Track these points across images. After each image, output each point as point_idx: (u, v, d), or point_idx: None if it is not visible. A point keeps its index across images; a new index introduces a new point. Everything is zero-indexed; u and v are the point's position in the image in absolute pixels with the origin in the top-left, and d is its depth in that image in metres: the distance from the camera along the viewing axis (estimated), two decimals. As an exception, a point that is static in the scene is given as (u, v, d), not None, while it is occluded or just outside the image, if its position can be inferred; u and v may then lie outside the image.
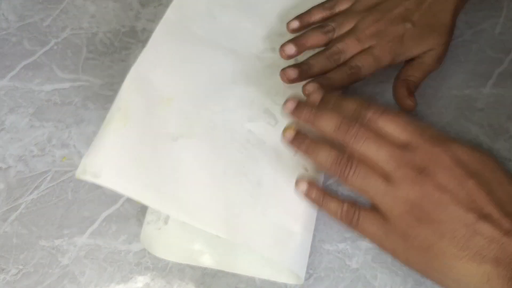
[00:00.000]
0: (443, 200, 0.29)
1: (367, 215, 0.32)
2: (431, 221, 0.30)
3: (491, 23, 0.46)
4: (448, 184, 0.30)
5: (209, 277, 0.38)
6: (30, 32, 0.50)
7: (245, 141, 0.38)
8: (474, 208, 0.29)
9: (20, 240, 0.40)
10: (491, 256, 0.28)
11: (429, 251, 0.29)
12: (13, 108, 0.46)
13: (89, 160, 0.34)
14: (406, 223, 0.30)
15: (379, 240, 0.32)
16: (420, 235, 0.30)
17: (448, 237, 0.29)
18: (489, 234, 0.28)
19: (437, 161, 0.30)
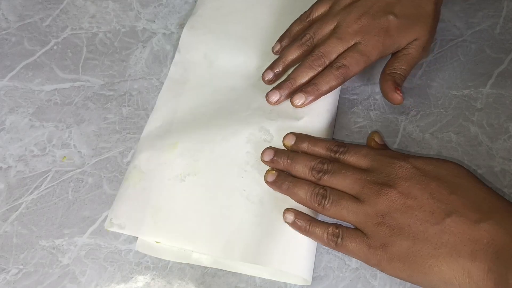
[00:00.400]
0: (409, 206, 0.32)
1: (349, 234, 0.34)
2: (401, 228, 0.32)
3: (491, 23, 0.46)
4: (411, 191, 0.33)
5: (209, 277, 0.38)
6: (30, 32, 0.50)
7: (244, 163, 0.40)
8: (438, 208, 0.31)
9: (21, 240, 0.40)
10: (467, 251, 0.30)
11: (408, 256, 0.31)
12: (13, 108, 0.46)
13: (114, 214, 0.39)
14: (382, 234, 0.32)
15: (364, 256, 0.33)
16: (396, 242, 0.32)
17: (420, 238, 0.31)
18: (457, 229, 0.30)
19: (396, 172, 0.34)
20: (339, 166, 0.36)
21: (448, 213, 0.31)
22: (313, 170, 0.37)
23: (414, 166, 0.34)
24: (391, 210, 0.33)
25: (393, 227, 0.32)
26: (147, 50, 0.48)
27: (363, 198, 0.34)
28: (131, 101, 0.46)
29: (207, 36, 0.47)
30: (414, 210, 0.32)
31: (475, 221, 0.30)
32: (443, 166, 0.34)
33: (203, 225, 0.38)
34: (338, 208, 0.35)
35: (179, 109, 0.44)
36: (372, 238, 0.33)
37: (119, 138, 0.44)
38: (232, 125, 0.41)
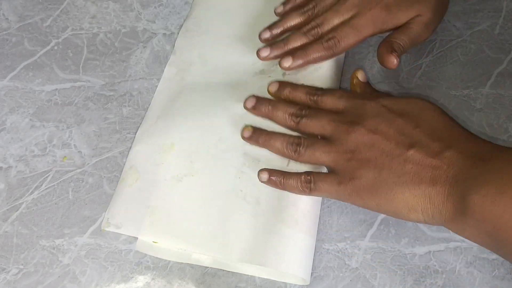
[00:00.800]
0: (375, 140, 0.35)
1: (321, 178, 0.36)
2: (369, 160, 0.34)
3: (490, 24, 0.46)
4: (378, 127, 0.35)
5: (209, 277, 0.38)
6: (30, 33, 0.50)
7: (241, 165, 0.40)
8: (402, 141, 0.34)
9: (21, 240, 0.40)
10: (428, 177, 0.32)
11: (374, 186, 0.34)
12: (13, 108, 0.46)
13: (110, 214, 0.40)
14: (351, 169, 0.35)
15: (336, 193, 0.36)
16: (363, 174, 0.34)
17: (386, 168, 0.33)
18: (419, 159, 0.33)
19: (366, 111, 0.36)
20: (315, 111, 0.39)
21: (412, 144, 0.33)
22: (292, 115, 0.39)
23: (383, 105, 0.36)
24: (359, 145, 0.35)
25: (361, 161, 0.35)
26: (148, 51, 0.48)
27: (334, 138, 0.37)
28: (131, 101, 0.46)
29: (201, 37, 0.48)
30: (380, 143, 0.34)
31: (437, 150, 0.33)
32: (409, 102, 0.37)
33: (200, 225, 0.38)
34: (312, 151, 0.37)
35: (174, 108, 0.44)
36: (341, 175, 0.35)
37: (120, 138, 0.44)
38: (228, 125, 0.42)
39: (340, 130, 0.36)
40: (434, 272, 0.37)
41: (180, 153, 0.41)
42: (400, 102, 0.37)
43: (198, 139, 0.42)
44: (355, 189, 0.35)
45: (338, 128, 0.37)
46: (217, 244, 0.37)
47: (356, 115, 0.37)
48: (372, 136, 0.35)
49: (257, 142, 0.40)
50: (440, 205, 0.32)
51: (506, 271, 0.37)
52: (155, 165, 0.41)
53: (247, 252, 0.37)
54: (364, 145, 0.35)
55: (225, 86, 0.44)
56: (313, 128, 0.38)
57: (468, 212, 0.30)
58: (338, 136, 0.36)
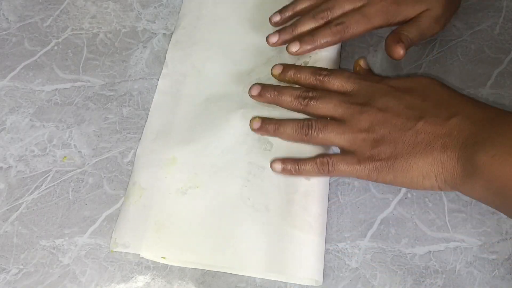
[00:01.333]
0: (387, 117, 0.36)
1: (337, 158, 0.37)
2: (383, 137, 0.36)
3: (490, 24, 0.46)
4: (388, 105, 0.36)
5: (209, 277, 0.38)
6: (30, 33, 0.50)
7: (246, 173, 0.40)
8: (412, 114, 0.35)
9: (21, 240, 0.40)
10: (439, 145, 0.34)
11: (391, 160, 0.35)
12: (13, 108, 0.46)
13: (117, 234, 0.39)
14: (368, 148, 0.36)
15: (355, 173, 0.37)
16: (380, 151, 0.35)
17: (400, 142, 0.35)
18: (429, 129, 0.34)
19: (375, 92, 0.38)
20: (323, 92, 0.39)
21: (421, 116, 0.35)
22: (299, 97, 0.39)
23: (390, 85, 0.38)
24: (373, 124, 0.36)
25: (376, 139, 0.36)
26: (148, 51, 0.48)
27: (347, 118, 0.37)
28: (131, 101, 0.46)
29: (192, 48, 0.47)
30: (392, 119, 0.36)
31: (445, 118, 0.34)
32: (415, 81, 0.38)
33: (209, 237, 0.38)
34: (325, 133, 0.38)
35: (173, 122, 0.43)
36: (359, 154, 0.36)
37: (120, 138, 0.44)
38: (230, 136, 0.41)
39: (352, 111, 0.37)
40: (434, 272, 0.37)
41: (183, 166, 0.41)
42: (405, 80, 0.38)
43: (201, 151, 0.41)
44: (374, 167, 0.36)
45: (350, 109, 0.37)
46: (228, 255, 0.37)
47: (366, 96, 0.38)
48: (384, 114, 0.36)
49: (267, 132, 0.40)
50: (451, 169, 0.33)
51: (506, 271, 0.37)
52: (158, 180, 0.40)
53: (261, 262, 0.37)
54: (377, 124, 0.36)
55: (222, 96, 0.44)
56: (323, 110, 0.39)
57: (477, 173, 0.32)
58: (350, 117, 0.37)
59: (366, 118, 0.37)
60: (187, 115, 0.43)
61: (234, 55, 0.46)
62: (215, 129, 0.42)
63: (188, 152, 0.41)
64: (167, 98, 0.45)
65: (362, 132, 0.36)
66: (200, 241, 0.38)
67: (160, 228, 0.39)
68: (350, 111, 0.37)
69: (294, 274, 0.36)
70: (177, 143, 0.42)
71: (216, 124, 0.42)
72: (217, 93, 0.44)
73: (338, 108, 0.38)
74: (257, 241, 0.37)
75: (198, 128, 0.42)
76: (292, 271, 0.36)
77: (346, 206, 0.40)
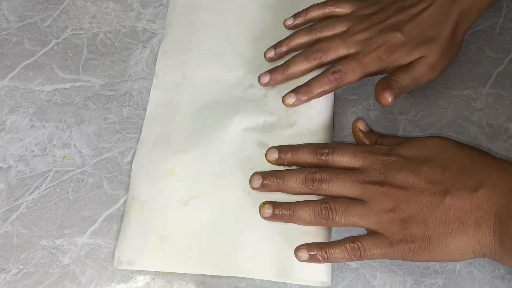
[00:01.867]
0: (410, 196, 0.34)
1: (368, 242, 0.35)
2: (412, 217, 0.34)
3: (490, 24, 0.46)
4: (407, 182, 0.35)
5: (209, 277, 0.38)
6: (30, 32, 0.50)
7: (248, 180, 0.39)
8: (436, 189, 0.34)
9: (21, 240, 0.40)
10: (472, 221, 0.33)
11: (425, 241, 0.33)
12: (13, 108, 0.46)
13: (120, 252, 0.39)
14: (397, 229, 0.34)
15: (388, 255, 0.35)
16: (412, 232, 0.34)
17: (431, 221, 0.33)
18: (458, 204, 0.33)
19: (389, 168, 0.36)
20: (332, 172, 0.37)
21: (447, 191, 0.34)
22: (307, 181, 0.37)
23: (402, 157, 0.36)
24: (398, 204, 0.34)
25: (405, 219, 0.34)
26: (148, 50, 0.48)
27: (367, 199, 0.35)
28: (131, 101, 0.46)
29: (182, 57, 0.46)
30: (416, 197, 0.34)
31: (472, 190, 0.33)
32: (428, 146, 0.36)
33: (215, 246, 0.38)
34: (348, 217, 0.35)
35: (169, 132, 0.43)
36: (390, 236, 0.34)
37: (120, 138, 0.44)
38: (228, 143, 0.41)
39: (371, 192, 0.35)
40: (434, 272, 0.37)
41: (182, 176, 0.40)
42: (416, 147, 0.36)
43: (199, 160, 0.41)
44: (409, 249, 0.34)
45: (368, 190, 0.35)
46: (235, 263, 0.37)
47: (380, 172, 0.36)
48: (406, 192, 0.34)
49: (282, 219, 0.37)
50: (489, 244, 0.32)
51: (506, 271, 0.37)
52: (158, 192, 0.40)
53: (271, 268, 0.37)
54: (402, 203, 0.34)
55: (216, 103, 0.44)
56: (337, 192, 0.36)
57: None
58: (371, 197, 0.35)
59: (389, 198, 0.35)
60: (182, 124, 0.43)
61: (225, 61, 0.46)
62: (211, 136, 0.42)
63: (186, 161, 0.41)
64: (160, 108, 0.44)
65: (388, 213, 0.34)
66: (206, 251, 0.38)
67: (164, 241, 0.38)
68: (369, 192, 0.35)
69: (302, 277, 0.36)
70: (174, 153, 0.42)
71: (213, 131, 0.42)
72: (211, 100, 0.44)
73: (355, 189, 0.36)
74: (263, 247, 0.37)
75: (194, 136, 0.42)
76: (300, 274, 0.36)
77: (346, 206, 0.40)
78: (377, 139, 0.40)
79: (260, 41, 0.46)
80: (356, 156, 0.37)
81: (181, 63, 0.46)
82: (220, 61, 0.46)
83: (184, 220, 0.39)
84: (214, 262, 0.37)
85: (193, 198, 0.39)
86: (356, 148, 0.38)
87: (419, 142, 0.37)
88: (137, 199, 0.40)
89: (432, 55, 0.39)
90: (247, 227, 0.38)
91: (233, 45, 0.47)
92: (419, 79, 0.40)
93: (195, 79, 0.45)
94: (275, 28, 0.46)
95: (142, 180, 0.41)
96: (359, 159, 0.37)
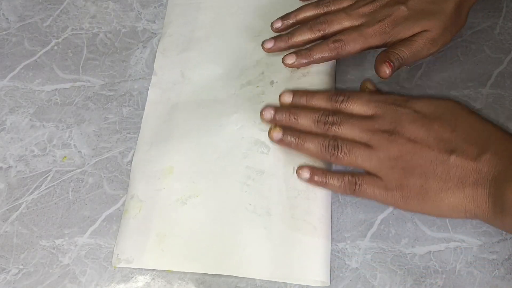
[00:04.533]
0: (417, 149, 0.35)
1: (365, 180, 0.36)
2: (413, 168, 0.35)
3: (490, 24, 0.46)
4: (417, 135, 0.35)
5: (209, 277, 0.38)
6: (30, 32, 0.50)
7: (245, 178, 0.40)
8: (443, 147, 0.35)
9: (21, 240, 0.40)
10: (471, 181, 0.34)
11: (421, 193, 0.35)
12: (13, 108, 0.46)
13: (119, 250, 0.39)
14: (397, 177, 0.35)
15: (381, 197, 0.36)
16: (410, 182, 0.35)
17: (431, 176, 0.34)
18: (461, 164, 0.34)
19: (401, 118, 0.36)
20: (344, 116, 0.38)
21: (452, 150, 0.34)
22: (318, 122, 0.38)
23: (416, 110, 0.37)
24: (403, 153, 0.35)
25: (406, 169, 0.35)
26: (148, 50, 0.48)
27: (374, 145, 0.36)
28: (131, 101, 0.46)
29: (180, 56, 0.47)
30: (422, 151, 0.35)
31: (476, 154, 0.34)
32: (442, 105, 0.37)
33: (213, 245, 0.38)
34: (352, 156, 0.37)
35: (168, 131, 0.43)
36: (387, 181, 0.35)
37: (120, 138, 0.44)
38: (225, 142, 0.41)
39: (379, 138, 0.36)
40: (434, 272, 0.37)
41: (180, 175, 0.41)
42: (431, 105, 0.37)
43: (197, 159, 0.41)
44: (403, 197, 0.35)
45: (376, 137, 0.36)
46: (233, 262, 0.37)
47: (392, 121, 0.37)
48: (414, 145, 0.35)
49: (289, 145, 0.39)
50: (483, 205, 0.33)
51: (506, 271, 0.37)
52: (156, 191, 0.40)
53: (269, 267, 0.37)
54: (407, 153, 0.35)
55: (214, 101, 0.44)
56: (347, 135, 0.37)
57: (507, 209, 0.32)
58: (378, 144, 0.36)
59: (395, 147, 0.36)
60: (180, 123, 0.43)
61: (222, 60, 0.46)
62: (209, 135, 0.42)
63: (184, 160, 0.41)
64: (158, 107, 0.44)
65: (391, 160, 0.35)
66: (204, 250, 0.38)
67: (162, 240, 0.38)
68: (377, 138, 0.36)
69: (300, 277, 0.36)
70: (172, 152, 0.42)
71: (211, 129, 0.42)
72: (208, 99, 0.44)
73: (364, 135, 0.37)
74: (261, 246, 0.37)
75: (192, 135, 0.42)
76: (299, 274, 0.36)
77: (346, 206, 0.40)
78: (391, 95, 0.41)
79: (257, 38, 0.46)
80: (369, 104, 0.38)
81: (179, 61, 0.46)
82: (217, 60, 0.46)
83: (183, 220, 0.39)
84: (212, 261, 0.38)
85: (191, 197, 0.40)
86: (370, 97, 0.39)
87: (434, 101, 0.37)
88: (136, 198, 0.40)
89: (435, 29, 0.40)
90: (245, 226, 0.38)
91: (230, 43, 0.47)
92: (419, 52, 0.40)
93: (192, 77, 0.45)
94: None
95: (141, 179, 0.41)
96: (373, 108, 0.38)
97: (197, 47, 0.47)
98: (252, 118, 0.42)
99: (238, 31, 0.47)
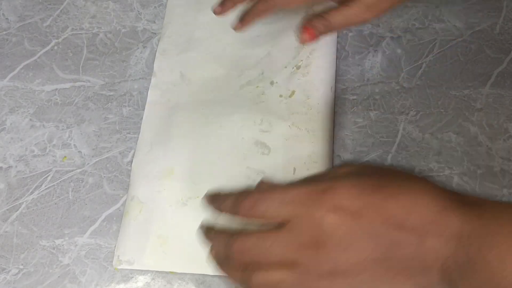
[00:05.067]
0: (342, 256, 0.27)
1: None
2: (346, 277, 0.27)
3: (490, 24, 0.46)
4: (343, 239, 0.27)
5: (209, 277, 0.38)
6: (30, 32, 0.50)
7: (245, 179, 0.40)
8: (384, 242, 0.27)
9: (21, 240, 0.40)
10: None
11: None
12: (13, 108, 0.46)
13: (120, 252, 0.39)
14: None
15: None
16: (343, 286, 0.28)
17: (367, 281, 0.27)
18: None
19: (320, 227, 0.28)
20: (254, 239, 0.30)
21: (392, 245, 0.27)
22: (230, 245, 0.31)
23: (335, 205, 0.28)
24: (333, 267, 0.28)
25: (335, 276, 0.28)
26: (148, 50, 0.48)
27: (299, 265, 0.28)
28: (131, 101, 0.46)
29: (180, 57, 0.47)
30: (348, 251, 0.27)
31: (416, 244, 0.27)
32: (358, 188, 0.28)
33: None
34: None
35: (168, 132, 0.43)
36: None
37: (120, 138, 0.44)
38: (225, 141, 0.41)
39: (305, 256, 0.28)
40: (434, 272, 0.37)
41: (180, 176, 0.41)
42: (350, 192, 0.28)
43: (197, 160, 0.41)
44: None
45: (299, 254, 0.28)
46: None
47: (310, 234, 0.28)
48: (341, 253, 0.28)
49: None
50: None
51: (506, 271, 0.37)
52: (157, 193, 0.40)
53: None
54: (335, 265, 0.28)
55: (214, 102, 0.44)
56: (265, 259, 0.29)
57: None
58: (303, 262, 0.28)
59: (324, 263, 0.28)
60: (180, 124, 0.43)
61: (222, 60, 0.46)
62: (210, 135, 0.42)
63: (184, 161, 0.41)
64: (158, 108, 0.44)
65: (327, 274, 0.28)
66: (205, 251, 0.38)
67: (163, 241, 0.38)
68: (302, 257, 0.28)
69: None
70: (173, 153, 0.42)
71: (211, 130, 0.42)
72: (208, 100, 0.44)
73: (285, 253, 0.29)
74: None
75: (193, 136, 0.42)
76: None
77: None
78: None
79: (257, 38, 0.46)
80: (282, 206, 0.30)
81: (178, 63, 0.46)
82: (217, 60, 0.46)
83: (183, 221, 0.39)
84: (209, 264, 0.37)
85: (191, 198, 0.40)
86: (282, 198, 0.30)
87: (350, 184, 0.29)
88: (136, 199, 0.40)
89: None
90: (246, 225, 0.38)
91: (230, 43, 0.47)
92: (353, 18, 0.38)
93: (192, 78, 0.45)
94: (270, 25, 0.46)
95: (141, 181, 0.41)
96: (287, 211, 0.29)
97: (196, 48, 0.47)
98: (252, 119, 0.42)
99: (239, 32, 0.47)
